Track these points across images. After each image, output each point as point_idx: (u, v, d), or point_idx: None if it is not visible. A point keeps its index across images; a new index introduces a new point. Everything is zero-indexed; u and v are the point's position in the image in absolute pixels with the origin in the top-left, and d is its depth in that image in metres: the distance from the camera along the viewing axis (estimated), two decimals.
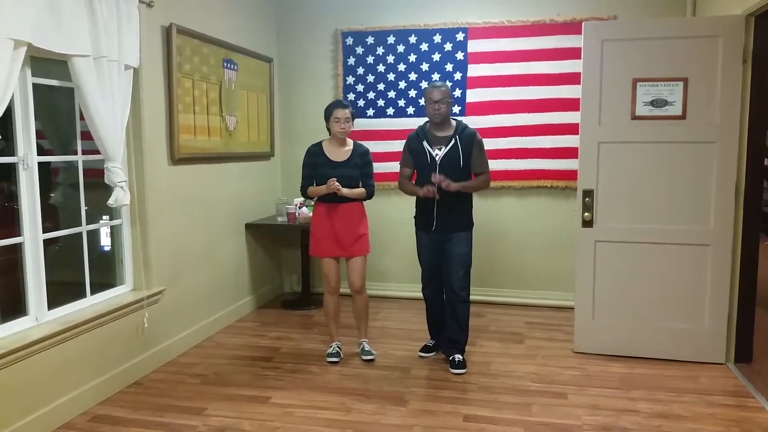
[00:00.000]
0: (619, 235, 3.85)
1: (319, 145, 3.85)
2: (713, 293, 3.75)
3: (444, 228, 3.71)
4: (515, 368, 3.75)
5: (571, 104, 4.74)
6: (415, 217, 3.88)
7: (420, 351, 4.00)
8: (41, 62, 3.04)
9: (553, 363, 3.84)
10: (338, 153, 3.80)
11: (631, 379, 3.58)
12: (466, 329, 3.80)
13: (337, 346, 3.94)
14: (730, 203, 3.68)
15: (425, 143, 3.72)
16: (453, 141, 3.67)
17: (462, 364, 3.70)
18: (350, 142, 3.85)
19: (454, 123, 3.75)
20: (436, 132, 3.73)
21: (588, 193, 3.86)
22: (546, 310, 5.03)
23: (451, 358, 3.75)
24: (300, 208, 4.93)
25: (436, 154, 3.68)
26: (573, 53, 4.67)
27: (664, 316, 3.83)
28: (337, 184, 3.65)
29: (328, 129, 3.82)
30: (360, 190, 3.80)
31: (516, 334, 4.41)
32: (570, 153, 4.76)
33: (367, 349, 3.92)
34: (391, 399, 3.32)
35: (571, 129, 4.75)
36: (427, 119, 3.80)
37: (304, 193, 3.88)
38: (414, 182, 3.84)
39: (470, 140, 3.70)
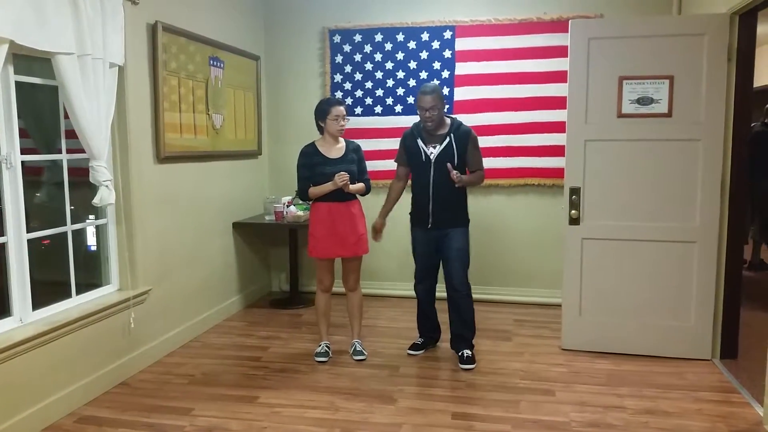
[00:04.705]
0: (606, 232, 3.87)
1: (312, 145, 3.81)
2: (699, 290, 3.78)
3: (440, 225, 3.71)
4: (503, 365, 3.76)
5: (558, 102, 4.74)
6: (410, 213, 3.87)
7: (409, 349, 3.99)
8: (24, 60, 3.00)
9: (540, 360, 3.85)
10: (333, 150, 3.77)
11: (618, 375, 3.60)
12: (472, 324, 3.80)
13: (326, 346, 3.92)
14: (716, 200, 3.71)
15: (419, 141, 3.71)
16: (448, 139, 3.66)
17: (471, 360, 3.70)
18: (340, 139, 3.84)
19: (448, 121, 3.73)
20: (431, 130, 3.72)
21: (575, 191, 3.87)
22: (533, 307, 5.04)
23: (460, 354, 3.75)
24: (288, 206, 4.91)
25: (431, 153, 3.67)
26: (560, 51, 4.70)
27: (650, 312, 3.86)
28: (347, 176, 3.63)
29: (319, 127, 3.79)
30: (360, 186, 3.79)
31: (504, 332, 4.42)
32: (557, 151, 4.77)
33: (359, 349, 3.90)
34: (380, 397, 3.32)
35: (558, 127, 4.76)
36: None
37: (303, 195, 3.80)
38: (410, 180, 3.86)
39: (465, 138, 3.69)
